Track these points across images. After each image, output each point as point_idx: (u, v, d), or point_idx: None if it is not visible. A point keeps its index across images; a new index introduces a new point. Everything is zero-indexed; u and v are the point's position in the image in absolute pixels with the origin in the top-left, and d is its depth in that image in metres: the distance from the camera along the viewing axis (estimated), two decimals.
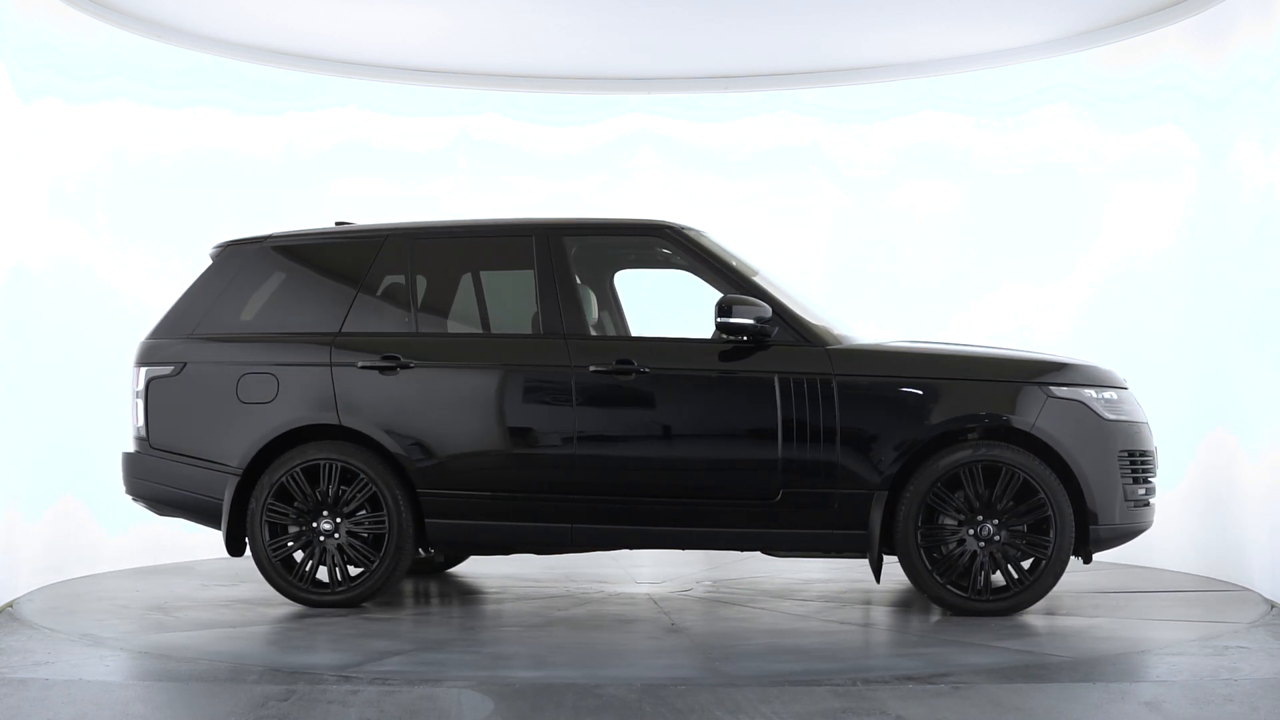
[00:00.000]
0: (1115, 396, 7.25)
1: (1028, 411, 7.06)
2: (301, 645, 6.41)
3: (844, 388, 7.11)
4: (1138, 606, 7.60)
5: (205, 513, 7.57)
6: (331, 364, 7.46)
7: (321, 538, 7.40)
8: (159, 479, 7.65)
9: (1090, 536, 7.05)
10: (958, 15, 9.58)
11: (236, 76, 10.29)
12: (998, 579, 7.13)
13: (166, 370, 7.64)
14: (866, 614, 7.40)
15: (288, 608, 7.46)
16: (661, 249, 7.68)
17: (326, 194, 10.62)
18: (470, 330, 7.81)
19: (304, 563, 7.42)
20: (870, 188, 11.03)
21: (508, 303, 7.85)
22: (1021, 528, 7.06)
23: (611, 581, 8.60)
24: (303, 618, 7.17)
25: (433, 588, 8.46)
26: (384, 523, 7.34)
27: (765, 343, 7.19)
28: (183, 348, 7.66)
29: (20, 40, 8.31)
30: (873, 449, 7.07)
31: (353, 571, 7.44)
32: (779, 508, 7.10)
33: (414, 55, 10.54)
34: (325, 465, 7.40)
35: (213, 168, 10.16)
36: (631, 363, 7.24)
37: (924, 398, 7.11)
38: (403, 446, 7.35)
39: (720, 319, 7.11)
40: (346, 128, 10.86)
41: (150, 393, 7.66)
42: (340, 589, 7.39)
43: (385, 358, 7.43)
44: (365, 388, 7.41)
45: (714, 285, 7.39)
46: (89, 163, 9.22)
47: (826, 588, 8.25)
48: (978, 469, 7.04)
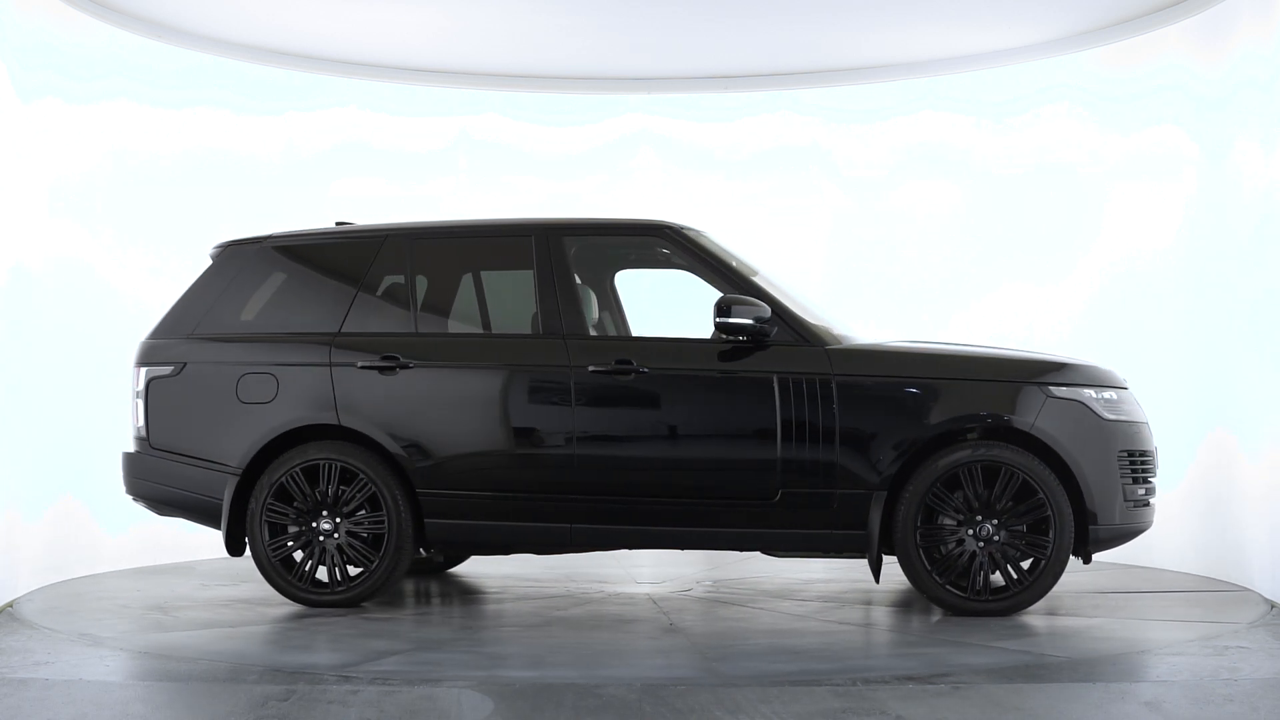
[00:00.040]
0: (1115, 396, 7.25)
1: (1027, 411, 7.06)
2: (301, 645, 6.41)
3: (843, 388, 7.10)
4: (1138, 606, 7.59)
5: (205, 513, 7.57)
6: (331, 364, 7.46)
7: (321, 538, 7.40)
8: (159, 479, 7.65)
9: (1090, 536, 7.04)
10: (958, 15, 9.58)
11: (236, 76, 10.28)
12: (997, 579, 7.13)
13: (166, 370, 7.64)
14: (866, 614, 7.40)
15: (287, 608, 7.46)
16: (661, 249, 7.67)
17: (326, 194, 10.62)
18: (470, 330, 7.81)
19: (304, 562, 7.42)
20: (870, 188, 11.03)
21: (507, 303, 7.85)
22: (1021, 528, 7.06)
23: (611, 581, 8.60)
24: (302, 618, 7.17)
25: (433, 588, 8.46)
26: (383, 523, 7.35)
27: (764, 343, 7.18)
28: (183, 348, 7.66)
29: (20, 40, 8.31)
30: (872, 449, 7.07)
31: (352, 571, 7.44)
32: (778, 508, 7.10)
33: (414, 55, 10.54)
34: (325, 465, 7.40)
35: (213, 168, 10.16)
36: (630, 363, 7.24)
37: (923, 398, 7.10)
38: (402, 446, 7.35)
39: (719, 319, 7.11)
40: (346, 128, 10.86)
41: (150, 393, 7.66)
42: (340, 589, 7.39)
43: (385, 358, 7.42)
44: (365, 388, 7.41)
45: (714, 285, 7.38)
46: (89, 163, 9.22)
47: (826, 588, 8.25)
48: (977, 469, 7.04)
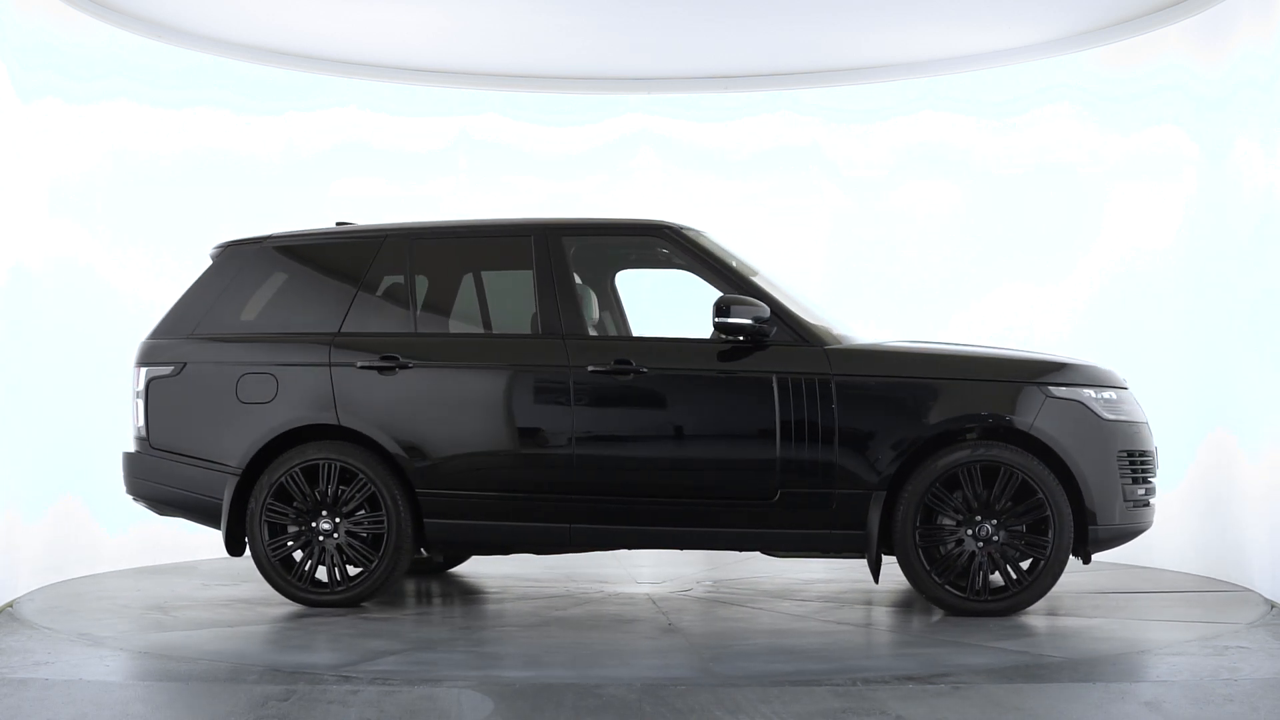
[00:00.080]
0: (1115, 396, 7.25)
1: (1027, 411, 7.05)
2: (301, 645, 6.41)
3: (842, 388, 7.10)
4: (1137, 606, 7.59)
5: (205, 512, 7.58)
6: (331, 364, 7.46)
7: (321, 537, 7.40)
8: (159, 479, 7.66)
9: (1089, 537, 7.04)
10: (958, 15, 9.57)
11: (236, 76, 10.28)
12: (996, 579, 7.13)
13: (167, 370, 7.65)
14: (866, 614, 7.40)
15: (287, 607, 7.46)
16: (661, 249, 7.67)
17: (326, 194, 10.62)
18: (470, 330, 7.81)
19: (303, 562, 7.42)
20: (870, 188, 11.02)
21: (507, 303, 7.85)
22: (1020, 528, 7.06)
23: (611, 581, 8.60)
24: (302, 617, 7.17)
25: (433, 588, 8.46)
26: (383, 523, 7.35)
27: (764, 343, 7.18)
28: (183, 348, 7.66)
29: (20, 40, 8.31)
30: (871, 449, 7.07)
31: (352, 571, 7.45)
32: (777, 508, 7.10)
33: (414, 55, 10.53)
34: (324, 465, 7.40)
35: (213, 168, 10.16)
36: (630, 363, 7.24)
37: (922, 398, 7.10)
38: (402, 446, 7.35)
39: (718, 319, 7.10)
40: (346, 128, 10.86)
41: (150, 393, 7.67)
42: (339, 589, 7.39)
43: (384, 358, 7.43)
44: (364, 388, 7.41)
45: (713, 285, 7.38)
46: (89, 163, 9.22)
47: (826, 588, 8.25)
48: (976, 469, 7.03)
